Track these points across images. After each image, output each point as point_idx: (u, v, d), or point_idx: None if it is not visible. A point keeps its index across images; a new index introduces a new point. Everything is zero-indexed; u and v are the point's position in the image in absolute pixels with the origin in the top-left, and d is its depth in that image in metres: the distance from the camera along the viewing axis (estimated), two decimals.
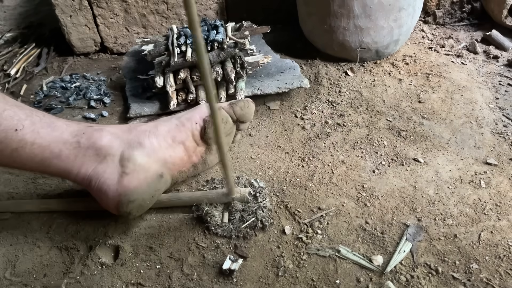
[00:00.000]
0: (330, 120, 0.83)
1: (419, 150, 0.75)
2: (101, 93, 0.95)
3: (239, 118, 0.68)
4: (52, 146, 0.56)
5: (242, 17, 1.06)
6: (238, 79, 0.85)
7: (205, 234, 0.61)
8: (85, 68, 1.10)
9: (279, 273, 0.55)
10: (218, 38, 0.84)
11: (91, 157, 0.58)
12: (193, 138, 0.64)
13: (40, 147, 0.56)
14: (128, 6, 1.09)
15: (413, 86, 0.93)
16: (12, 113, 0.55)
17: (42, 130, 0.56)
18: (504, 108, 0.85)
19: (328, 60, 1.03)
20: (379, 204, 0.65)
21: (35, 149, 0.55)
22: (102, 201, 0.58)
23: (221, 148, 0.55)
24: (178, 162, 0.63)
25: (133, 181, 0.57)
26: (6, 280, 0.56)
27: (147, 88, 0.90)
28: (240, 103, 0.68)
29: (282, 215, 0.63)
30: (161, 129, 0.63)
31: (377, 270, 0.55)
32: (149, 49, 0.88)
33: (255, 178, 0.69)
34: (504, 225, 0.60)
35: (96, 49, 1.16)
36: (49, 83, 1.00)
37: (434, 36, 1.15)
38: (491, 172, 0.69)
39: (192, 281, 0.55)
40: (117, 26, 1.12)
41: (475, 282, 0.53)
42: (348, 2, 0.91)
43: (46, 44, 1.17)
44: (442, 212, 0.63)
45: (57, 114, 0.90)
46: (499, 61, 1.02)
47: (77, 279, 0.56)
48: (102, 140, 0.59)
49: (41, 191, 0.70)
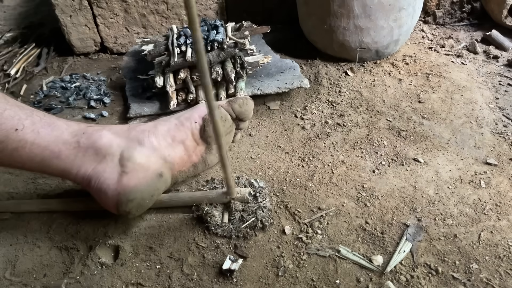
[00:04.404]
0: (330, 120, 0.83)
1: (419, 150, 0.75)
2: (101, 93, 0.95)
3: (238, 115, 0.68)
4: (52, 146, 0.56)
5: (242, 17, 1.06)
6: (238, 79, 0.85)
7: (205, 234, 0.61)
8: (85, 68, 1.10)
9: (279, 273, 0.55)
10: (218, 38, 0.84)
11: (90, 156, 0.58)
12: (193, 137, 0.64)
13: (40, 147, 0.56)
14: (128, 6, 1.09)
15: (413, 86, 0.93)
16: (13, 113, 0.55)
17: (42, 130, 0.56)
18: (504, 108, 0.85)
19: (328, 60, 1.03)
20: (379, 204, 0.65)
21: (35, 148, 0.56)
22: (102, 200, 0.58)
23: (221, 147, 0.55)
24: (178, 162, 0.63)
25: (133, 180, 0.57)
26: (6, 280, 0.56)
27: (147, 88, 0.90)
28: (239, 100, 0.68)
29: (282, 215, 0.63)
30: (161, 128, 0.63)
31: (377, 270, 0.55)
32: (149, 49, 0.88)
33: (255, 178, 0.69)
34: (504, 225, 0.60)
35: (96, 49, 1.16)
36: (49, 83, 1.00)
37: (434, 36, 1.15)
38: (491, 172, 0.69)
39: (192, 281, 0.55)
40: (117, 26, 1.12)
41: (475, 282, 0.53)
42: (348, 2, 0.91)
43: (46, 44, 1.17)
44: (442, 212, 0.63)
45: (57, 114, 0.90)
46: (499, 61, 1.02)
47: (77, 279, 0.56)
48: (101, 140, 0.59)
49: (41, 191, 0.70)
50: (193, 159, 0.65)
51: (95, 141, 0.58)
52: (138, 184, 0.57)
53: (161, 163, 0.60)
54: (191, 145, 0.64)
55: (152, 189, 0.59)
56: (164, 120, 0.65)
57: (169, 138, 0.62)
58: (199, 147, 0.65)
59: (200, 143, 0.65)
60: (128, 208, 0.57)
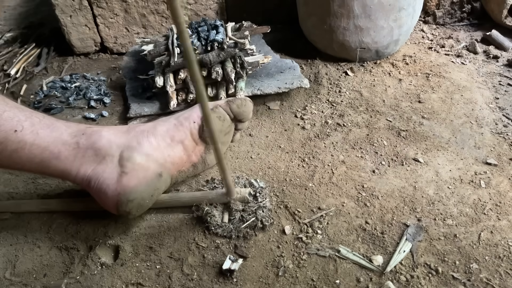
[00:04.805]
0: (330, 120, 0.83)
1: (419, 150, 0.75)
2: (101, 93, 0.95)
3: (237, 116, 0.68)
4: (51, 147, 0.56)
5: (242, 17, 1.06)
6: (238, 79, 0.85)
7: (205, 234, 0.61)
8: (85, 68, 1.10)
9: (279, 273, 0.55)
10: (218, 38, 0.84)
11: (90, 157, 0.58)
12: (192, 137, 0.64)
13: (39, 148, 0.56)
14: (128, 6, 1.09)
15: (413, 86, 0.93)
16: (12, 115, 0.55)
17: (42, 131, 0.56)
18: (504, 108, 0.85)
19: (328, 60, 1.03)
20: (379, 204, 0.65)
21: (34, 149, 0.56)
22: (102, 201, 0.58)
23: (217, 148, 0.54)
24: (178, 162, 0.63)
25: (132, 180, 0.57)
26: (6, 280, 0.56)
27: (147, 88, 0.90)
28: (237, 101, 0.68)
29: (282, 215, 0.63)
30: (160, 129, 0.63)
31: (377, 270, 0.55)
32: (149, 49, 0.88)
33: (255, 178, 0.69)
34: (504, 225, 0.60)
35: (96, 49, 1.16)
36: (49, 83, 1.00)
37: (434, 36, 1.15)
38: (491, 172, 0.69)
39: (192, 281, 0.55)
40: (117, 26, 1.12)
41: (475, 282, 0.53)
42: (348, 2, 0.91)
43: (46, 44, 1.17)
44: (442, 212, 0.63)
45: (57, 114, 0.90)
46: (499, 61, 1.02)
47: (77, 279, 0.56)
48: (101, 141, 0.59)
49: (41, 191, 0.70)
50: (193, 159, 0.65)
51: (94, 141, 0.58)
52: (138, 184, 0.57)
53: (161, 163, 0.60)
54: (190, 145, 0.64)
55: (152, 189, 0.59)
56: (163, 120, 0.65)
57: (168, 138, 0.62)
58: (198, 147, 0.65)
59: (199, 143, 0.65)
60: (128, 208, 0.57)
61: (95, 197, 0.59)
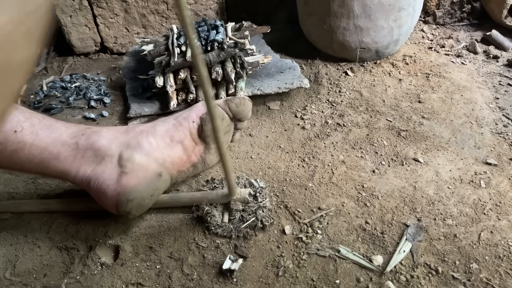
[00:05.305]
0: (330, 120, 0.83)
1: (419, 150, 0.75)
2: (101, 93, 0.95)
3: (236, 115, 0.68)
4: (51, 148, 0.57)
5: (242, 17, 1.06)
6: (238, 79, 0.85)
7: (205, 234, 0.61)
8: (85, 68, 1.10)
9: (279, 273, 0.55)
10: (218, 38, 0.84)
11: (89, 158, 0.58)
12: (191, 137, 0.64)
13: (39, 148, 0.56)
14: (128, 6, 1.09)
15: (413, 86, 0.93)
16: (12, 115, 0.55)
17: (41, 132, 0.56)
18: (504, 108, 0.85)
19: (328, 60, 1.03)
20: (379, 204, 0.65)
21: (34, 150, 0.56)
22: (102, 201, 0.58)
23: (221, 147, 0.55)
24: (177, 161, 0.63)
25: (132, 180, 0.57)
26: (6, 280, 0.56)
27: (147, 88, 0.90)
28: (236, 100, 0.68)
29: (282, 215, 0.63)
30: (159, 129, 0.63)
31: (377, 270, 0.55)
32: (149, 49, 0.88)
33: (255, 178, 0.69)
34: (504, 225, 0.60)
35: (96, 49, 1.16)
36: (49, 83, 1.00)
37: (434, 36, 1.15)
38: (491, 172, 0.69)
39: (192, 281, 0.55)
40: (117, 26, 1.12)
41: (475, 282, 0.53)
42: (348, 2, 0.91)
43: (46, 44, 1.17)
44: (442, 212, 0.63)
45: (57, 114, 0.90)
46: (499, 61, 1.02)
47: (77, 279, 0.56)
48: (100, 141, 0.59)
49: (41, 191, 0.70)
50: (192, 159, 0.65)
51: (93, 142, 0.58)
52: (137, 184, 0.57)
53: (160, 163, 0.60)
54: (189, 145, 0.64)
55: (151, 189, 0.59)
56: (163, 120, 0.65)
57: (168, 138, 0.62)
58: (198, 147, 0.65)
59: (199, 143, 0.65)
60: (128, 208, 0.57)
61: (95, 197, 0.59)
